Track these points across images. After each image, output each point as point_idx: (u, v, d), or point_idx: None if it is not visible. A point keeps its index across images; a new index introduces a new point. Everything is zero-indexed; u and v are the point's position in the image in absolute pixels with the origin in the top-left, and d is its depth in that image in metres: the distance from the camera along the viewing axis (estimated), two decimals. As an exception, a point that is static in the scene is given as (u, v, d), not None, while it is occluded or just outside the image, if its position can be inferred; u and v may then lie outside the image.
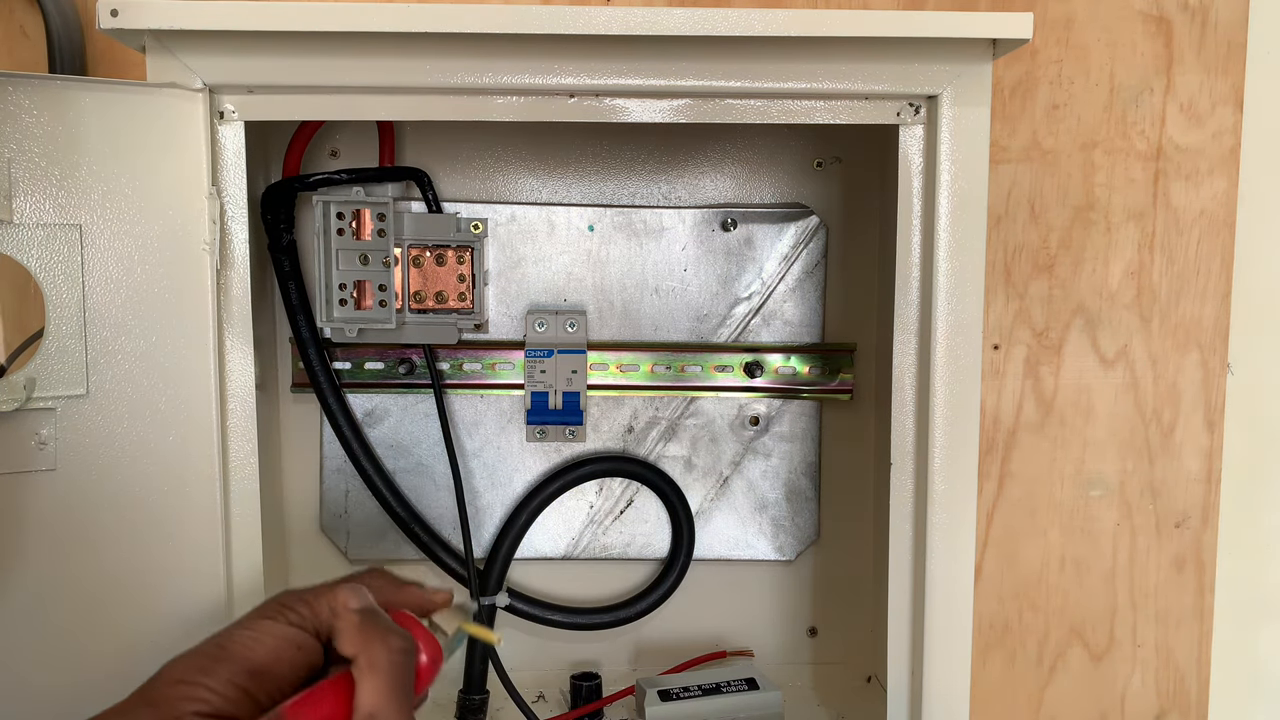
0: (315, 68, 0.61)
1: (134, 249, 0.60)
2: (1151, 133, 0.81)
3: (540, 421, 0.80)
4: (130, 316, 0.60)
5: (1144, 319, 0.82)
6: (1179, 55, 0.81)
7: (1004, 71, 0.80)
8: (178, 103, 0.61)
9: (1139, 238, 0.82)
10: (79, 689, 0.61)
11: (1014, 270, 0.82)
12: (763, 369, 0.80)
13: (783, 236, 0.80)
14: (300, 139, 0.76)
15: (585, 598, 0.83)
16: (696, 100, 0.64)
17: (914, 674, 0.68)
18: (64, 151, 0.58)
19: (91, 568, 0.61)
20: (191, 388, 0.62)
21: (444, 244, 0.77)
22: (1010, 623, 0.85)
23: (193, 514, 0.63)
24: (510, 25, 0.59)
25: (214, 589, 0.63)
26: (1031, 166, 0.81)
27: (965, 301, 0.64)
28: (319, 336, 0.77)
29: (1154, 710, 0.86)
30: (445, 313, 0.77)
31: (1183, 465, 0.84)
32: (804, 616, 0.84)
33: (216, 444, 0.63)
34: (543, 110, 0.64)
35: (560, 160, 0.80)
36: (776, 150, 0.80)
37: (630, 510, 0.82)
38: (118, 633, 0.61)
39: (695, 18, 0.59)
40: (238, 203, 0.63)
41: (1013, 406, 0.83)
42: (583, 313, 0.80)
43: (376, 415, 0.80)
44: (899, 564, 0.67)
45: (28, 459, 0.59)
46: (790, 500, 0.82)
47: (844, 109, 0.65)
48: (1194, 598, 0.85)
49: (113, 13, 0.57)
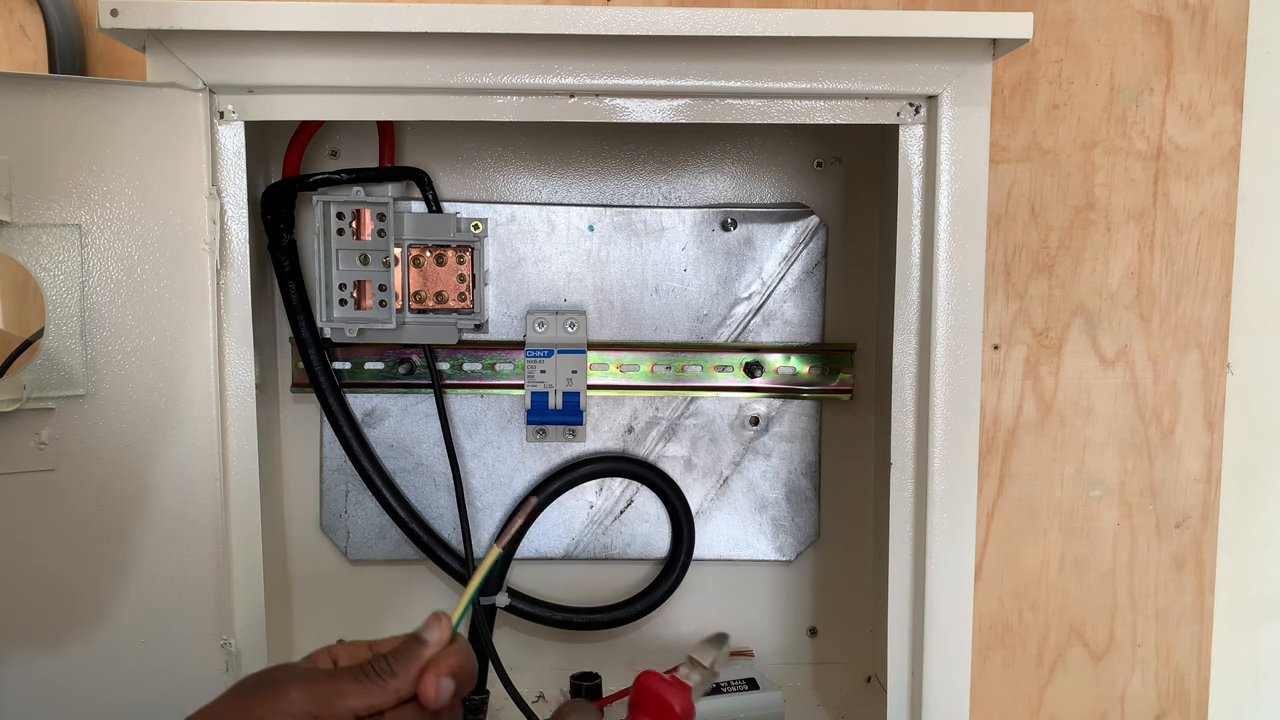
0: (315, 68, 0.61)
1: (134, 249, 0.60)
2: (1151, 133, 0.81)
3: (540, 421, 0.80)
4: (130, 316, 0.60)
5: (1144, 319, 0.82)
6: (1179, 55, 0.81)
7: (1004, 71, 0.80)
8: (178, 103, 0.61)
9: (1139, 238, 0.82)
10: (79, 689, 0.61)
11: (1014, 270, 0.82)
12: (763, 369, 0.80)
13: (783, 236, 0.80)
14: (300, 139, 0.76)
15: (585, 598, 0.83)
16: (696, 100, 0.64)
17: (914, 674, 0.68)
18: (64, 151, 0.58)
19: (91, 568, 0.61)
20: (191, 388, 0.62)
21: (444, 244, 0.77)
22: (1010, 623, 0.85)
23: (193, 514, 0.63)
24: (510, 25, 0.59)
25: (214, 589, 0.63)
26: (1031, 166, 0.81)
27: (965, 301, 0.65)
28: (319, 336, 0.77)
29: (1154, 710, 0.86)
30: (445, 313, 0.77)
31: (1183, 465, 0.84)
32: (804, 616, 0.84)
33: (216, 444, 0.63)
34: (543, 110, 0.64)
35: (560, 160, 0.80)
36: (776, 150, 0.80)
37: (630, 510, 0.82)
38: (117, 632, 0.61)
39: (695, 18, 0.59)
40: (238, 203, 0.63)
41: (1013, 406, 0.83)
42: (583, 313, 0.80)
43: (376, 415, 0.80)
44: (899, 564, 0.67)
45: (27, 459, 0.59)
46: (790, 500, 0.82)
47: (844, 109, 0.65)
48: (1194, 598, 0.85)
49: (113, 13, 0.57)
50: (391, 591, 0.82)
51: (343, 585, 0.82)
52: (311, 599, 0.81)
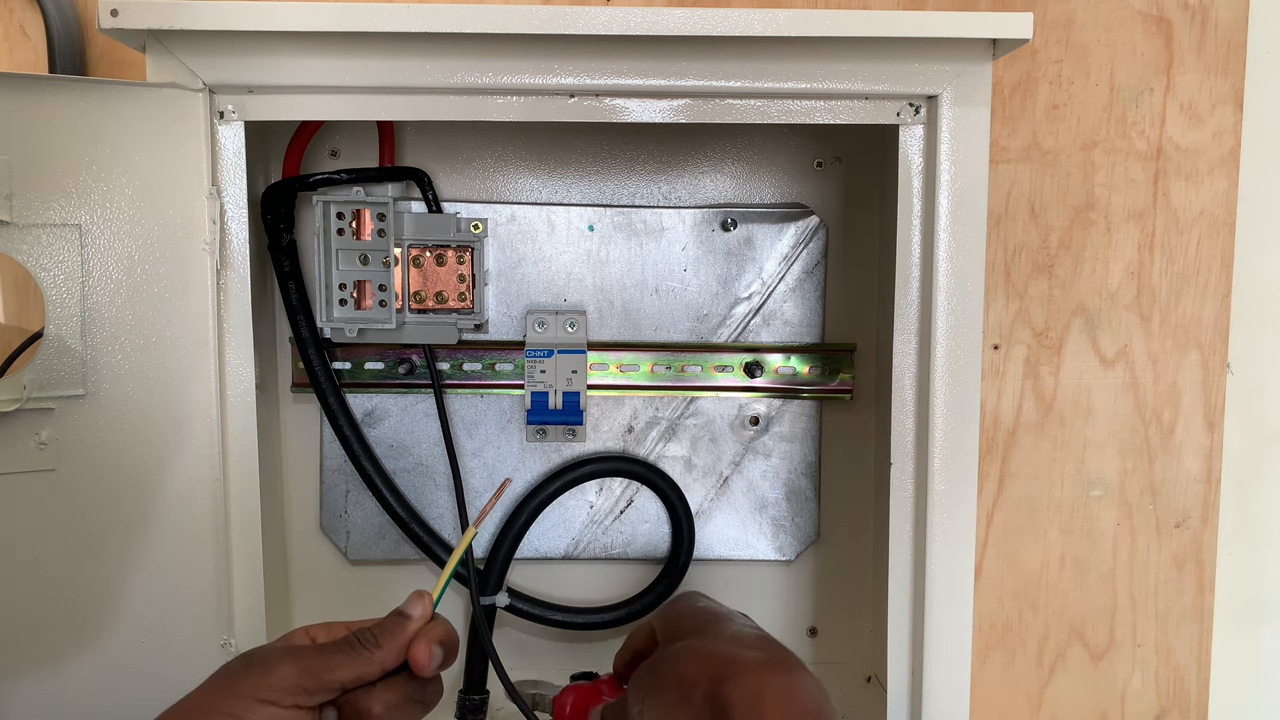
0: (315, 68, 0.61)
1: (134, 249, 0.60)
2: (1151, 133, 0.81)
3: (540, 421, 0.80)
4: (130, 316, 0.60)
5: (1144, 319, 0.82)
6: (1179, 55, 0.81)
7: (1004, 71, 0.80)
8: (178, 103, 0.61)
9: (1139, 238, 0.82)
10: (79, 688, 0.61)
11: (1014, 270, 0.82)
12: (763, 369, 0.80)
13: (783, 236, 0.80)
14: (300, 139, 0.76)
15: (585, 598, 0.83)
16: (696, 100, 0.64)
17: (914, 674, 0.68)
18: (64, 151, 0.58)
19: (91, 568, 0.61)
20: (191, 388, 0.62)
21: (444, 244, 0.77)
22: (1010, 623, 0.85)
23: (193, 513, 0.63)
24: (510, 25, 0.59)
25: (214, 589, 0.63)
26: (1031, 166, 0.81)
27: (965, 301, 0.65)
28: (319, 336, 0.77)
29: (1154, 710, 0.86)
30: (445, 313, 0.77)
31: (1183, 465, 0.84)
32: (804, 616, 0.84)
33: (216, 444, 0.63)
34: (543, 110, 0.64)
35: (560, 160, 0.80)
36: (776, 150, 0.80)
37: (630, 510, 0.82)
38: (117, 632, 0.61)
39: (695, 18, 0.59)
40: (238, 203, 0.63)
41: (1013, 406, 0.83)
42: (583, 313, 0.80)
43: (376, 415, 0.80)
44: (899, 564, 0.68)
45: (28, 459, 0.59)
46: (790, 500, 0.82)
47: (844, 109, 0.65)
48: (1194, 597, 0.85)
49: (113, 13, 0.57)
50: (391, 591, 0.82)
51: (343, 585, 0.82)
52: (311, 599, 0.81)
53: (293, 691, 0.48)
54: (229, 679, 0.48)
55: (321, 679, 0.49)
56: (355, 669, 0.50)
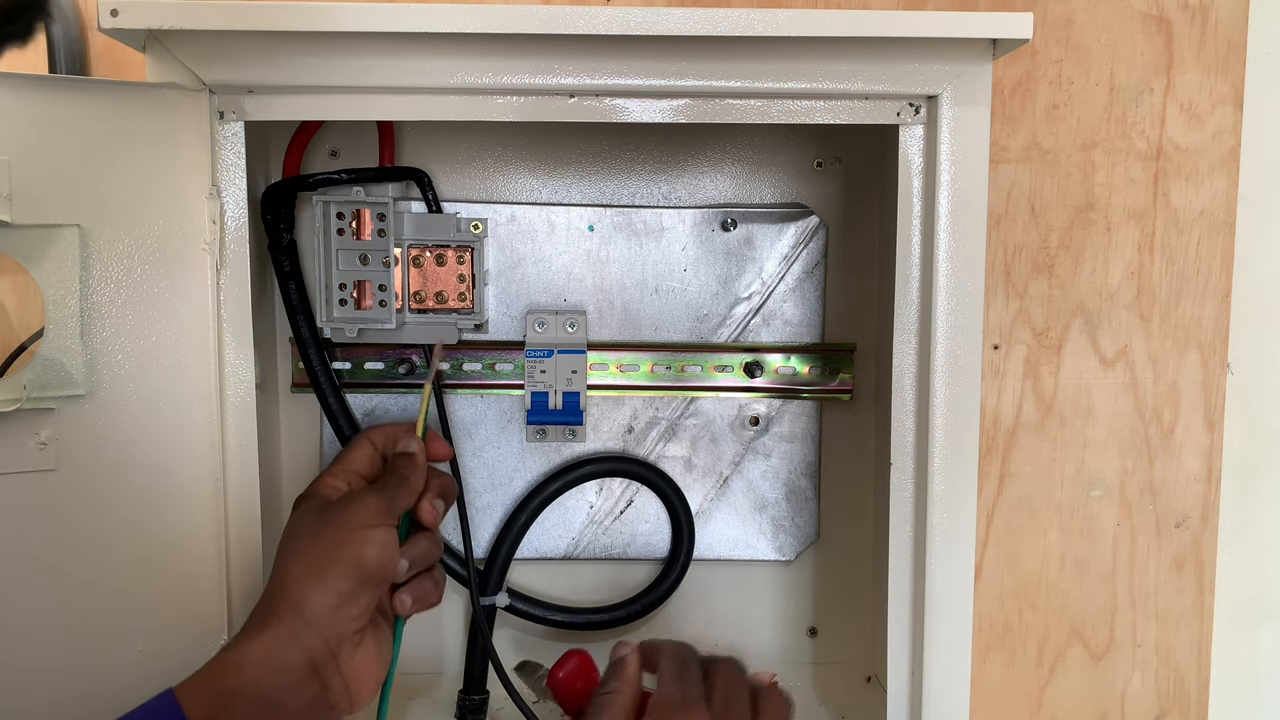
0: (315, 68, 0.61)
1: (134, 249, 0.60)
2: (1151, 133, 0.81)
3: (540, 421, 0.80)
4: (130, 316, 0.60)
5: (1144, 319, 0.82)
6: (1179, 55, 0.81)
7: (1004, 71, 0.80)
8: (178, 103, 0.61)
9: (1139, 238, 0.82)
10: (79, 689, 0.61)
11: (1014, 270, 0.82)
12: (763, 369, 0.80)
13: (783, 236, 0.80)
14: (300, 139, 0.76)
15: (585, 598, 0.83)
16: (696, 100, 0.64)
17: (914, 674, 0.68)
18: (64, 151, 0.58)
19: (91, 568, 0.61)
20: (191, 388, 0.62)
21: (444, 244, 0.77)
22: (1010, 623, 0.85)
23: (193, 514, 0.63)
24: (510, 25, 0.59)
25: (214, 589, 0.63)
26: (1031, 166, 0.81)
27: (965, 301, 0.65)
28: (319, 336, 0.77)
29: (1154, 710, 0.86)
30: (445, 313, 0.77)
31: (1183, 465, 0.84)
32: (804, 616, 0.84)
33: (216, 444, 0.63)
34: (543, 110, 0.64)
35: (560, 160, 0.80)
36: (776, 150, 0.80)
37: (630, 510, 0.82)
38: (117, 632, 0.61)
39: (695, 18, 0.59)
40: (238, 203, 0.63)
41: (1013, 406, 0.83)
42: (583, 313, 0.80)
43: (376, 415, 0.80)
44: (899, 564, 0.68)
45: (28, 459, 0.59)
46: (790, 500, 0.82)
47: (844, 109, 0.65)
48: (1194, 598, 0.85)
49: (113, 13, 0.57)
50: (391, 591, 0.82)
51: (343, 585, 0.81)
52: (311, 599, 0.81)
53: (388, 513, 0.60)
54: (326, 523, 0.59)
55: (391, 513, 0.60)
56: (409, 497, 0.62)
